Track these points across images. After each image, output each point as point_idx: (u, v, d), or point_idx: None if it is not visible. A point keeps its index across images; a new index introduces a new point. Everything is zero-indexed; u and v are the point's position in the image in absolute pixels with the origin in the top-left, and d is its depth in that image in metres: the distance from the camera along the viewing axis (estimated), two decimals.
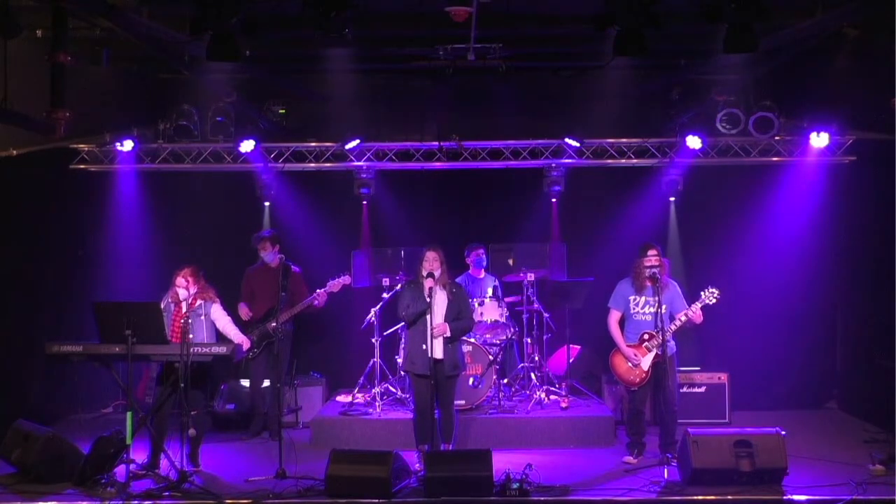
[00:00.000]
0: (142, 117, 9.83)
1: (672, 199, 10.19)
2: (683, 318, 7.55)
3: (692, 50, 8.67)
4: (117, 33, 7.79)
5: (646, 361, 7.55)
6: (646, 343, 7.56)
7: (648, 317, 7.60)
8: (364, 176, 10.16)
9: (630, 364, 7.61)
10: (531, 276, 9.18)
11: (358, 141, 9.86)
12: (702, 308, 7.54)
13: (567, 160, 10.05)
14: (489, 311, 8.99)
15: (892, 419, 7.40)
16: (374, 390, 8.93)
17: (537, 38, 8.72)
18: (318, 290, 8.67)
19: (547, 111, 10.13)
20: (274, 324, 8.32)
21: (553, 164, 10.07)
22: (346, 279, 8.82)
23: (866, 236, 9.40)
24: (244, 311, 8.71)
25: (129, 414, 6.82)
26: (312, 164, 10.16)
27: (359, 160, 10.10)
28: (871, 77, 8.22)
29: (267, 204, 10.36)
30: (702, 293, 7.54)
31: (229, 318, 7.79)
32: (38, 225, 9.35)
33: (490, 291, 9.21)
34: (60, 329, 8.93)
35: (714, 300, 7.51)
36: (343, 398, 9.22)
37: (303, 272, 9.01)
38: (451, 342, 7.39)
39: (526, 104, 10.11)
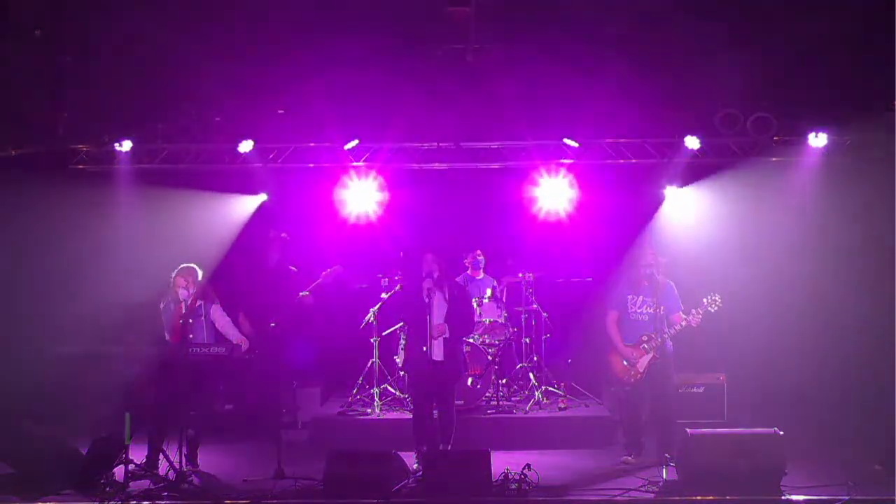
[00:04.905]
0: (141, 117, 9.82)
1: (670, 198, 10.19)
2: (683, 324, 7.53)
3: (691, 50, 8.66)
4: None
5: (642, 362, 7.55)
6: (644, 344, 7.57)
7: (645, 317, 7.60)
8: (363, 176, 10.16)
9: (625, 363, 7.61)
10: (530, 276, 9.18)
11: (357, 141, 9.85)
12: (702, 314, 7.52)
13: (566, 160, 10.06)
14: (488, 311, 9.00)
15: (891, 419, 7.40)
16: (372, 390, 8.94)
17: (536, 38, 8.70)
18: (302, 294, 8.63)
19: (546, 111, 10.11)
20: (273, 324, 8.33)
21: (552, 164, 10.08)
22: (337, 269, 8.81)
23: (864, 236, 9.38)
24: (246, 328, 8.66)
25: (127, 415, 6.83)
26: (311, 164, 10.16)
27: (358, 160, 10.11)
28: (871, 77, 8.22)
29: (264, 199, 10.35)
30: (704, 299, 7.51)
31: (229, 318, 7.79)
32: (38, 225, 9.35)
33: (489, 292, 9.22)
34: (60, 329, 8.92)
35: (716, 307, 7.47)
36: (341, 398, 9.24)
37: (299, 273, 9.00)
38: (452, 344, 7.39)
39: (525, 104, 10.09)
